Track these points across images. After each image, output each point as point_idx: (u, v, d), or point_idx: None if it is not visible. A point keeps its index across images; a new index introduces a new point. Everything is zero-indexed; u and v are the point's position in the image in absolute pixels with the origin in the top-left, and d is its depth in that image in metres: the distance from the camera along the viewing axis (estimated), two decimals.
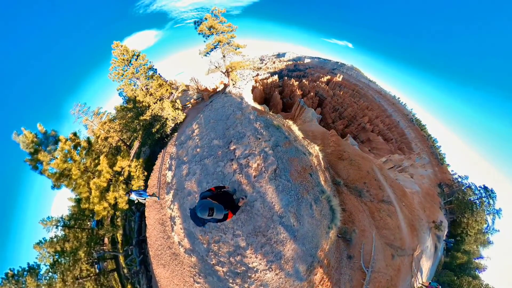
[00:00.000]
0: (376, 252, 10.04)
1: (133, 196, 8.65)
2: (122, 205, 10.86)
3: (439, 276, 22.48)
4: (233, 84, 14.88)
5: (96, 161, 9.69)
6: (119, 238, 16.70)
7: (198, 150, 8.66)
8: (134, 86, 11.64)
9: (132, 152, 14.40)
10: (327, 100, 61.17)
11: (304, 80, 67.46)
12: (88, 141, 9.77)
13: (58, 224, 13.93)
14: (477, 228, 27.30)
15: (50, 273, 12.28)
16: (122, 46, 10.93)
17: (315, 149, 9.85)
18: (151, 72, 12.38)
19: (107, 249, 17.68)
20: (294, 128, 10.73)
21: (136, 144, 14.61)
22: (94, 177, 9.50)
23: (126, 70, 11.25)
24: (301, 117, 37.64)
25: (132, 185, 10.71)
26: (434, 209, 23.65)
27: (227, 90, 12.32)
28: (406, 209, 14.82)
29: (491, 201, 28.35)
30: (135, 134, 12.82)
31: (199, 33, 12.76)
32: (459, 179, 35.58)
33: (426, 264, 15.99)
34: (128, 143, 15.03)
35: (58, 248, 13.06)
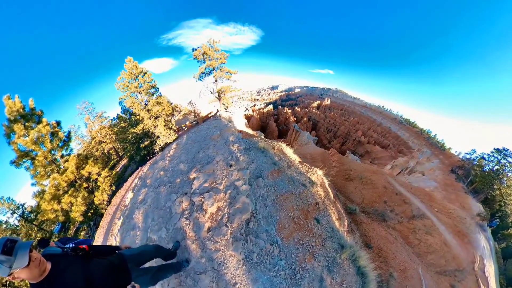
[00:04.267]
0: None
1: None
2: (76, 215, 9.76)
3: (505, 272, 18.61)
4: (225, 109, 14.98)
5: (67, 157, 9.33)
6: None
7: (161, 173, 7.61)
8: (136, 99, 12.19)
9: (121, 163, 14.08)
10: (320, 123, 64.82)
11: (296, 108, 74.08)
12: (68, 135, 9.67)
13: (16, 211, 12.81)
14: None
15: None
16: (133, 62, 11.80)
17: (318, 174, 7.17)
18: (153, 90, 12.85)
19: None
20: (288, 151, 8.37)
21: (126, 157, 14.41)
22: (57, 172, 8.96)
23: (131, 83, 11.87)
24: (297, 141, 36.97)
25: (95, 197, 9.78)
26: (461, 196, 21.42)
27: (217, 114, 12.13)
28: (443, 215, 11.74)
29: (510, 159, 26.97)
30: (129, 147, 12.79)
31: (193, 58, 13.96)
32: (467, 156, 34.09)
33: (491, 269, 12.22)
34: (120, 154, 14.97)
35: None
